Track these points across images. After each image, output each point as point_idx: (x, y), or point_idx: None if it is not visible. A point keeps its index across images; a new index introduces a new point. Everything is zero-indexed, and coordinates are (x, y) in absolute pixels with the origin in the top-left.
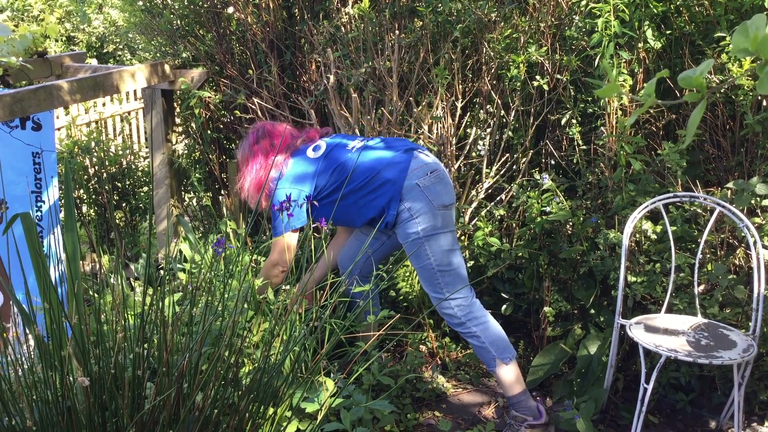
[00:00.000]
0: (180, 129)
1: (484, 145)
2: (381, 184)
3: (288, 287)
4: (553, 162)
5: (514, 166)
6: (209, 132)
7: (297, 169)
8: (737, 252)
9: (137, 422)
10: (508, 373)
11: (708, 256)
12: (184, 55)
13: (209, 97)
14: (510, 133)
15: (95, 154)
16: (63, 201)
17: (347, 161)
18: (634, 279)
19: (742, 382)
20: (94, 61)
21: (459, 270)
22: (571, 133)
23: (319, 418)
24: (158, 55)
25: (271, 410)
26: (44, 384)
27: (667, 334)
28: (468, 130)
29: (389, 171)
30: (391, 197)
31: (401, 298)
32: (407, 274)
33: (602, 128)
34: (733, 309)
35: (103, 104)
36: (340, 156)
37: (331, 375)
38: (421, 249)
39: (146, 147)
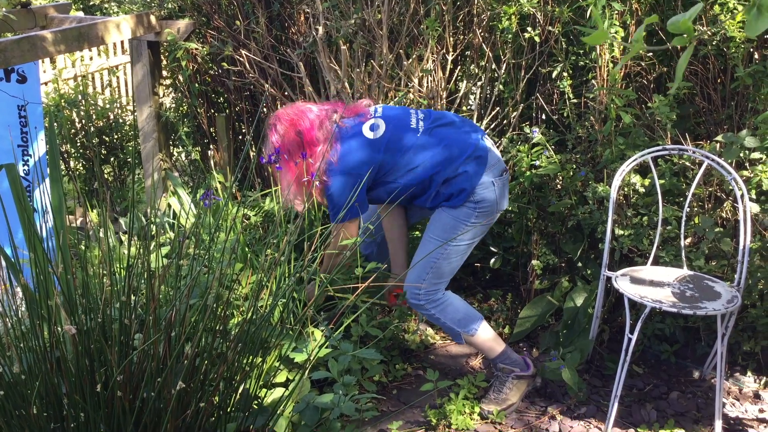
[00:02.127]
0: (167, 82)
1: (474, 99)
2: (456, 175)
3: (276, 241)
4: (543, 116)
5: (505, 121)
6: (197, 85)
7: (355, 154)
8: (724, 205)
9: (125, 370)
10: (480, 341)
11: (695, 209)
12: (170, 5)
13: (196, 49)
14: (501, 86)
15: (82, 107)
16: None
17: (414, 147)
18: (621, 232)
19: (725, 333)
20: (80, 14)
21: (451, 274)
22: (562, 86)
23: (308, 367)
24: (144, 6)
25: (259, 360)
26: (32, 334)
27: (653, 285)
28: (459, 84)
29: (468, 164)
30: (465, 189)
31: None
32: None
33: (593, 81)
34: (718, 261)
35: (90, 58)
36: (405, 139)
37: (319, 326)
38: (441, 250)
39: (134, 101)
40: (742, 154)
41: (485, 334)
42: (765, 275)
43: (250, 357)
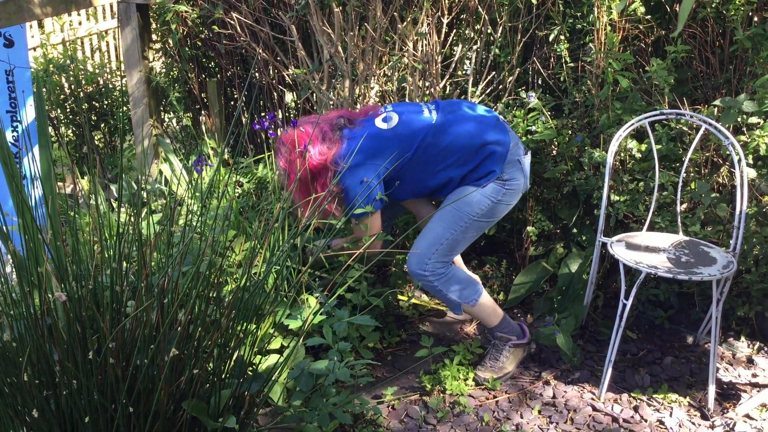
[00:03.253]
0: (157, 46)
1: (470, 63)
2: (483, 160)
3: (270, 207)
4: (539, 80)
5: (500, 86)
6: (187, 49)
7: (367, 146)
8: (721, 170)
9: (117, 337)
10: (480, 311)
11: (692, 174)
12: None
13: (186, 12)
14: (497, 50)
15: (71, 72)
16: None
17: (435, 135)
18: (617, 198)
19: (720, 299)
20: None
21: (461, 249)
22: (558, 50)
23: (303, 334)
24: None
25: (253, 327)
26: (23, 301)
27: (648, 251)
28: (454, 48)
29: (493, 146)
30: (494, 170)
31: None
32: None
33: (590, 45)
34: (714, 227)
35: (79, 23)
36: (420, 127)
37: (314, 293)
38: (460, 221)
39: (123, 66)
40: (739, 119)
41: (485, 304)
42: (760, 241)
43: (244, 324)
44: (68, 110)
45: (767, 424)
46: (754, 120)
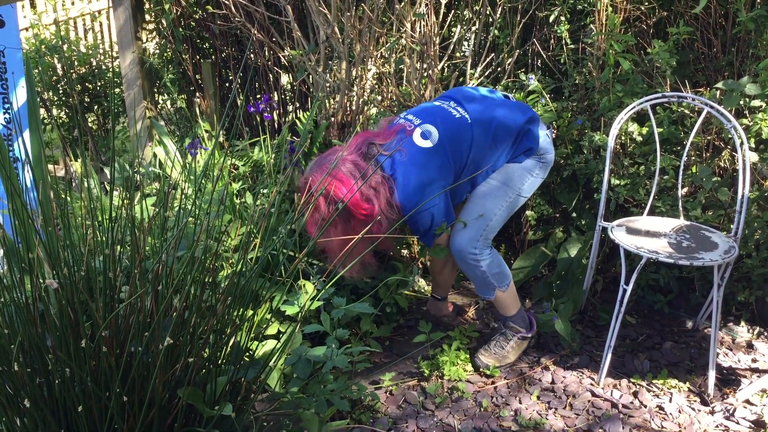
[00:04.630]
0: (150, 27)
1: (468, 44)
2: (522, 137)
3: (265, 191)
4: (539, 62)
5: (500, 67)
6: (181, 29)
7: (424, 173)
8: (723, 154)
9: (111, 324)
10: (506, 297)
11: (693, 158)
12: None
13: None
14: (496, 31)
15: (63, 53)
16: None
17: (478, 134)
18: (617, 182)
19: (721, 284)
20: None
21: (500, 227)
22: (559, 31)
23: (300, 320)
24: None
25: (250, 313)
26: (15, 287)
27: (649, 236)
28: (452, 29)
29: (529, 124)
30: (531, 147)
31: None
32: None
33: (591, 26)
34: (715, 211)
35: (72, 3)
36: (463, 131)
37: (311, 278)
38: (507, 197)
39: (116, 47)
40: (742, 102)
41: (512, 291)
42: (762, 225)
43: (241, 309)
44: (61, 92)
45: (767, 409)
46: (756, 103)
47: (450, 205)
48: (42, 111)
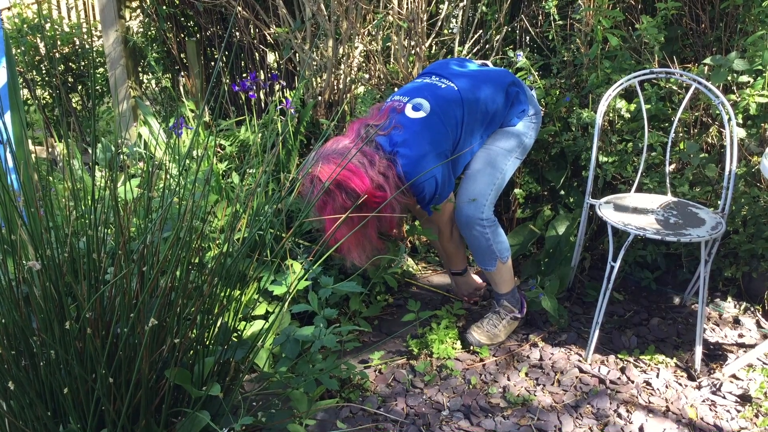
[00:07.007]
0: (134, 4)
1: (456, 21)
2: (513, 101)
3: (252, 171)
4: (527, 39)
5: (488, 44)
6: (165, 7)
7: (423, 141)
8: (710, 130)
9: (96, 306)
10: (504, 271)
11: (681, 134)
12: None
13: None
14: (484, 8)
15: (46, 32)
16: None
17: (469, 101)
18: (605, 159)
19: (708, 260)
20: None
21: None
22: (547, 7)
23: (288, 300)
24: None
25: (237, 293)
26: None
27: (636, 212)
28: (440, 6)
29: (516, 86)
30: (525, 109)
31: None
32: None
33: (579, 1)
34: (703, 187)
35: None
36: (453, 100)
37: (298, 258)
38: (506, 160)
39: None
40: (729, 78)
41: (510, 266)
42: (749, 201)
43: (228, 290)
44: (44, 72)
45: (753, 384)
46: (744, 79)
47: (450, 171)
48: (25, 91)
